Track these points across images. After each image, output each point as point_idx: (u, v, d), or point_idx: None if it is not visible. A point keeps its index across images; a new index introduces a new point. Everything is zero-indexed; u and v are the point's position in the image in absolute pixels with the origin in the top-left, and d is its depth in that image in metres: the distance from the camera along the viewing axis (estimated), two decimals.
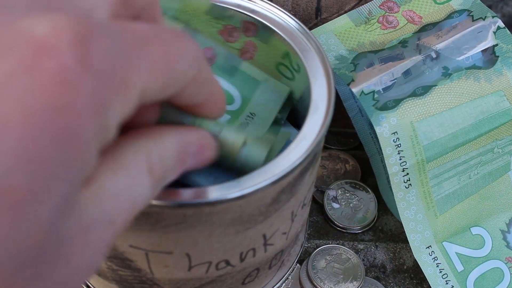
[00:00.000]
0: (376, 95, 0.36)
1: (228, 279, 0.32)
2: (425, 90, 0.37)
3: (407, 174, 0.37)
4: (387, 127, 0.36)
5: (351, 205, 0.42)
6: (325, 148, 0.45)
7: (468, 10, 0.39)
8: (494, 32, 0.38)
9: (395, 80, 0.37)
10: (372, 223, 0.42)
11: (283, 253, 0.34)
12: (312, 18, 0.43)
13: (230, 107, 0.32)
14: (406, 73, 0.37)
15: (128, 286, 0.32)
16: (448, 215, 0.39)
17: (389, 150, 0.36)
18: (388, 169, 0.37)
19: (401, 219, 0.38)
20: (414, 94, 0.37)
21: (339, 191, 0.42)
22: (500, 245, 0.40)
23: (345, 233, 0.41)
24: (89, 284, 0.36)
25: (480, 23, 0.38)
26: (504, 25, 0.39)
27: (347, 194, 0.42)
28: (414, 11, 0.40)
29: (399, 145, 0.36)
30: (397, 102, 0.36)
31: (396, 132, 0.36)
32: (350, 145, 0.47)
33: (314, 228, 0.41)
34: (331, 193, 0.42)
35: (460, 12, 0.39)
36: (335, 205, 0.41)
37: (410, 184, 0.37)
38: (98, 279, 0.33)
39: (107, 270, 0.32)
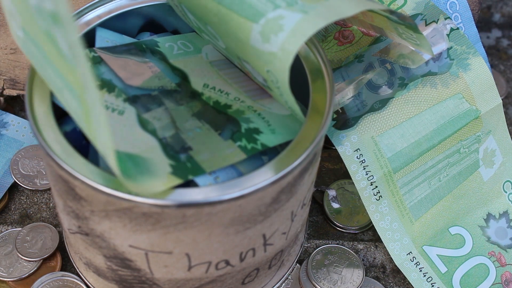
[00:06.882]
0: (334, 115, 0.37)
1: (227, 279, 0.32)
2: (382, 103, 0.37)
3: (376, 187, 0.37)
4: (348, 146, 0.36)
5: (351, 205, 0.42)
6: (325, 148, 0.45)
7: (421, 14, 0.39)
8: (448, 35, 0.38)
9: (353, 98, 0.37)
10: (372, 223, 0.42)
11: (282, 253, 0.34)
12: None
13: None
14: (363, 88, 0.37)
15: (127, 286, 0.32)
16: (424, 219, 0.39)
17: (354, 167, 0.37)
18: (356, 185, 0.37)
19: (377, 231, 0.39)
20: (372, 109, 0.37)
21: (339, 191, 0.42)
22: (481, 241, 0.40)
23: (345, 233, 0.41)
24: (89, 284, 0.36)
25: (433, 27, 0.38)
26: (457, 26, 0.39)
27: (347, 194, 0.42)
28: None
29: (364, 161, 0.37)
30: (356, 120, 0.37)
31: (359, 149, 0.36)
32: None
33: (314, 228, 0.41)
34: (331, 193, 0.42)
35: (414, 17, 0.39)
36: (335, 205, 0.41)
37: (381, 196, 0.38)
38: (98, 279, 0.33)
39: (107, 270, 0.32)
